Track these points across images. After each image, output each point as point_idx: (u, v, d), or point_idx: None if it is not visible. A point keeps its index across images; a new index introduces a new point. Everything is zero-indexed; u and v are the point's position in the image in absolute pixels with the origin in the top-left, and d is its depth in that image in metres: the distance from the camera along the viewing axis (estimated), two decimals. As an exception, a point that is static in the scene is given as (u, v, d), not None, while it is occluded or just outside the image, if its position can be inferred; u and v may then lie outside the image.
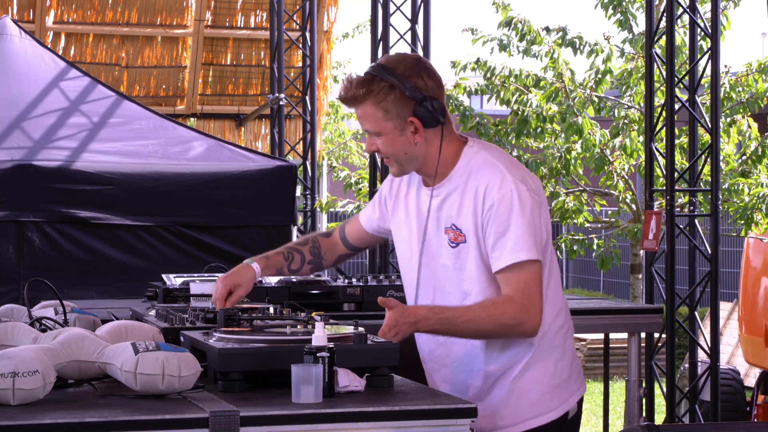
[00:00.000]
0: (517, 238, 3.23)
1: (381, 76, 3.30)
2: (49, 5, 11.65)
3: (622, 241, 12.44)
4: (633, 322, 5.48)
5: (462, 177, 3.34)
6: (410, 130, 3.32)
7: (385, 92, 3.29)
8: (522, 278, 3.24)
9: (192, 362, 2.90)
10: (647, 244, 7.74)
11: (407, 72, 3.30)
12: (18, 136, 7.46)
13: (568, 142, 10.58)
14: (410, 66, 3.32)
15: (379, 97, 3.29)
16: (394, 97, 3.29)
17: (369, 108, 3.31)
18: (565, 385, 3.41)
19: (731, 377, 9.07)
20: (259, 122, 12.66)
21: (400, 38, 9.13)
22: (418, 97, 3.28)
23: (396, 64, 3.33)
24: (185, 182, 7.42)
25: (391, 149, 3.35)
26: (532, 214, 3.26)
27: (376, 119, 3.32)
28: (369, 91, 3.30)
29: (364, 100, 3.31)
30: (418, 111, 3.29)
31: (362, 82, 3.31)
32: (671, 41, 7.72)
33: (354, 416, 2.77)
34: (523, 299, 3.24)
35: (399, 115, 3.30)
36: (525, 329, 3.27)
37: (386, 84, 3.29)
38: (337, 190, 21.09)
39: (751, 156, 10.57)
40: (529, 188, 3.29)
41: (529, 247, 3.23)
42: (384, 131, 3.32)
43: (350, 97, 3.33)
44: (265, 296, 4.11)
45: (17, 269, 6.94)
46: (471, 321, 3.26)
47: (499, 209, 3.25)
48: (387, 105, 3.29)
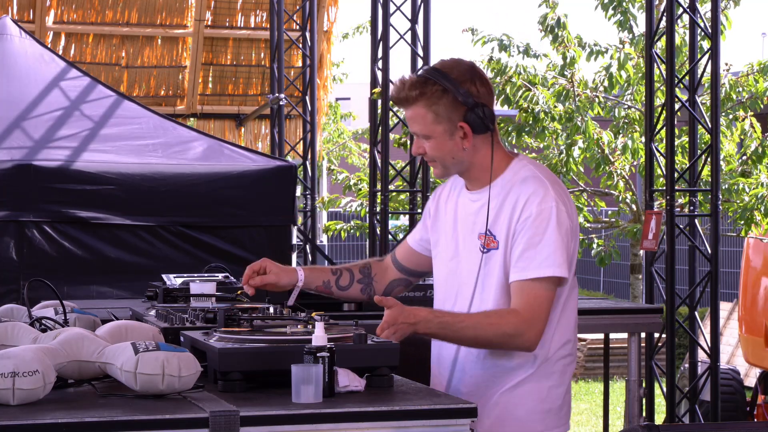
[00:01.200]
0: (549, 254, 3.23)
1: (435, 79, 3.29)
2: (49, 5, 11.65)
3: (622, 241, 12.45)
4: (633, 322, 5.49)
5: (506, 186, 3.33)
6: (459, 135, 3.32)
7: (438, 96, 3.29)
8: (536, 294, 3.24)
9: (192, 362, 2.90)
10: (647, 244, 7.74)
11: (461, 77, 3.30)
12: (18, 136, 7.46)
13: (569, 140, 10.58)
14: (464, 72, 3.32)
15: (431, 100, 3.29)
16: (446, 101, 3.29)
17: (420, 110, 3.31)
18: (555, 414, 3.38)
19: (731, 377, 9.07)
20: (259, 122, 12.66)
21: (400, 38, 9.13)
22: (470, 102, 3.29)
23: (450, 68, 3.33)
24: (185, 182, 7.42)
25: (439, 153, 3.34)
26: (567, 235, 3.26)
27: (426, 122, 3.31)
28: (422, 94, 3.29)
29: (416, 101, 3.31)
30: (468, 116, 3.29)
31: (415, 84, 3.31)
32: (671, 41, 7.72)
33: (354, 416, 2.77)
34: (529, 313, 3.23)
35: (450, 120, 3.30)
36: (523, 341, 3.25)
37: (439, 87, 3.29)
38: (336, 190, 21.11)
39: (752, 156, 10.57)
40: (569, 212, 3.29)
41: (559, 264, 3.23)
42: (433, 134, 3.32)
43: (402, 98, 3.33)
44: (265, 296, 4.11)
45: (17, 269, 6.94)
46: (471, 327, 3.25)
47: (535, 221, 3.25)
48: (438, 108, 3.29)
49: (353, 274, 3.67)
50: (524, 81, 10.61)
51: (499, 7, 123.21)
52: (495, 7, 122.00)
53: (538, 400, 3.35)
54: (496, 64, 10.73)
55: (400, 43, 9.16)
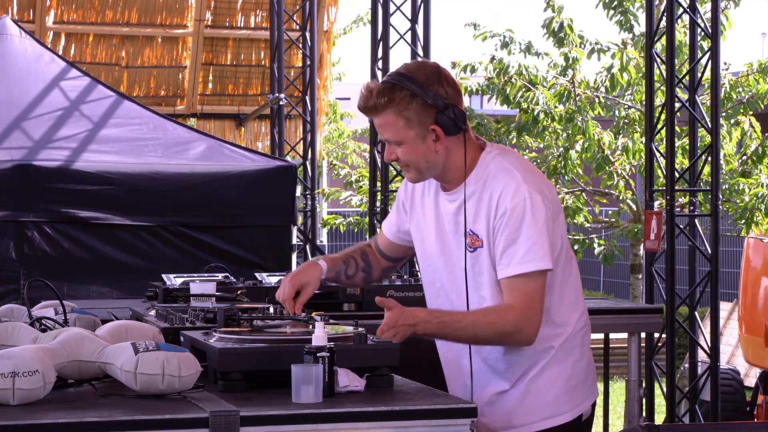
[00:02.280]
0: (528, 248, 3.23)
1: (402, 84, 3.26)
2: (49, 5, 11.65)
3: (622, 241, 12.44)
4: (633, 322, 5.49)
5: (479, 183, 3.32)
6: (431, 138, 3.29)
7: (407, 101, 3.25)
8: (526, 288, 3.24)
9: (192, 362, 2.90)
10: (649, 244, 7.73)
11: (428, 80, 3.27)
12: (18, 136, 7.46)
13: (569, 141, 10.57)
14: (430, 74, 3.29)
15: (400, 106, 3.25)
16: (415, 105, 3.25)
17: (390, 117, 3.28)
18: (581, 388, 3.40)
19: (731, 377, 9.06)
20: (259, 122, 12.66)
21: (400, 38, 9.13)
22: (440, 105, 3.25)
23: (416, 72, 3.29)
24: (185, 182, 7.42)
25: (412, 157, 3.32)
26: (546, 223, 3.25)
27: (397, 128, 3.28)
28: (390, 100, 3.25)
29: (385, 109, 3.27)
30: (439, 119, 3.26)
31: (383, 91, 3.26)
32: (671, 41, 7.72)
33: (354, 416, 2.77)
34: (525, 308, 3.23)
35: (421, 124, 3.27)
36: (522, 337, 3.26)
37: (408, 92, 3.25)
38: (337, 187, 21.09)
39: (752, 156, 10.57)
40: (544, 197, 3.27)
41: (540, 257, 3.23)
42: (405, 140, 3.30)
43: (371, 107, 3.29)
44: (265, 296, 4.11)
45: (17, 269, 6.94)
46: (470, 326, 3.25)
47: (510, 218, 3.24)
48: (409, 114, 3.26)
49: (357, 262, 3.68)
50: (525, 81, 10.61)
51: (500, 7, 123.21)
52: (496, 7, 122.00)
53: (565, 379, 3.37)
54: (498, 64, 10.72)
55: (400, 43, 9.16)
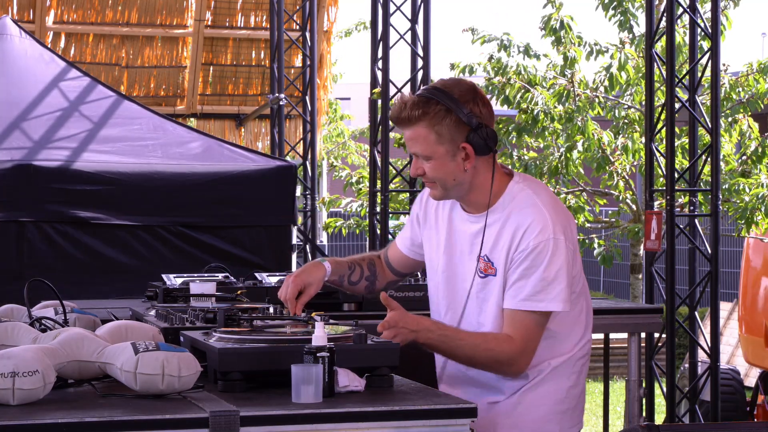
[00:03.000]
0: (542, 288, 3.23)
1: (437, 99, 3.23)
2: (49, 5, 11.65)
3: (622, 241, 12.44)
4: (633, 322, 5.48)
5: (505, 211, 3.30)
6: (461, 156, 3.26)
7: (441, 116, 3.22)
8: (529, 324, 3.25)
9: (192, 362, 2.90)
10: (650, 244, 7.73)
11: (463, 97, 3.24)
12: (18, 136, 7.46)
13: (570, 141, 10.57)
14: (466, 91, 3.26)
15: (434, 120, 3.23)
16: (449, 121, 3.23)
17: (422, 130, 3.24)
18: (570, 414, 3.40)
19: (731, 377, 9.07)
20: (259, 122, 12.66)
21: (400, 38, 9.13)
22: (474, 123, 3.23)
23: (452, 88, 3.26)
24: (185, 182, 7.42)
25: (440, 174, 3.28)
26: (565, 265, 3.25)
27: (428, 142, 3.25)
28: (425, 114, 3.23)
29: (418, 122, 3.24)
30: (471, 137, 3.24)
31: (418, 104, 3.23)
32: (671, 41, 7.72)
33: (354, 416, 2.77)
34: (523, 343, 3.25)
35: (452, 140, 3.24)
36: (513, 370, 3.29)
37: (443, 107, 3.22)
38: (336, 189, 21.08)
39: (751, 156, 10.57)
40: (567, 238, 3.27)
41: (551, 299, 3.23)
42: (435, 155, 3.26)
43: (404, 118, 3.25)
44: (265, 296, 4.11)
45: (17, 269, 6.94)
46: (469, 347, 3.27)
47: (531, 254, 3.23)
48: (441, 129, 3.23)
49: (363, 270, 3.68)
50: (524, 81, 10.60)
51: (499, 7, 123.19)
52: (495, 7, 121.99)
53: (557, 401, 3.38)
54: (497, 63, 10.72)
55: (400, 43, 9.16)
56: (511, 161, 10.91)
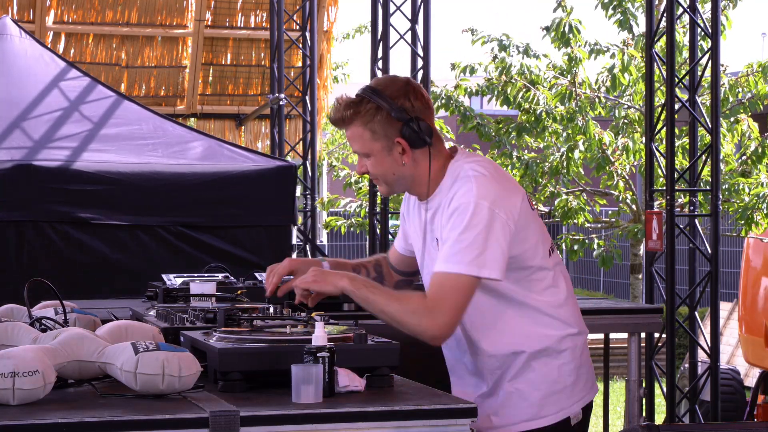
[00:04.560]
0: (457, 251, 3.23)
1: (369, 97, 3.34)
2: (49, 5, 11.66)
3: (622, 241, 12.45)
4: (633, 322, 5.48)
5: (445, 191, 3.37)
6: (397, 150, 3.35)
7: (372, 113, 3.33)
8: (444, 285, 3.24)
9: (192, 362, 2.90)
10: (651, 244, 7.74)
11: (395, 93, 3.34)
12: (18, 136, 7.46)
13: (570, 141, 10.58)
14: (398, 88, 3.36)
15: (366, 118, 3.33)
16: (380, 118, 3.33)
17: (357, 129, 3.36)
18: (568, 391, 3.41)
19: (731, 377, 9.06)
20: (259, 122, 12.67)
21: (400, 38, 9.14)
22: (404, 118, 3.32)
23: (384, 86, 3.37)
24: (185, 182, 7.42)
25: (380, 170, 3.38)
26: (487, 231, 3.23)
27: (363, 140, 3.36)
28: (356, 113, 3.34)
29: (352, 121, 3.35)
30: (404, 132, 3.33)
31: (350, 104, 3.36)
32: (671, 41, 7.72)
33: (354, 416, 2.77)
34: (433, 302, 3.23)
35: (386, 136, 3.34)
36: (423, 330, 3.24)
37: (373, 105, 3.33)
38: (336, 189, 21.08)
39: (751, 156, 10.58)
40: (495, 205, 3.26)
41: (467, 262, 3.22)
42: (372, 152, 3.36)
43: (339, 119, 3.38)
44: (265, 296, 4.11)
45: (17, 269, 6.94)
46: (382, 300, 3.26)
47: (451, 217, 3.27)
48: (374, 126, 3.33)
49: (368, 272, 3.73)
50: (525, 81, 10.61)
51: (499, 7, 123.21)
52: (495, 7, 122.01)
53: (550, 381, 3.38)
54: (500, 63, 10.73)
55: (400, 43, 9.16)
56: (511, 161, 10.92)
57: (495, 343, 3.39)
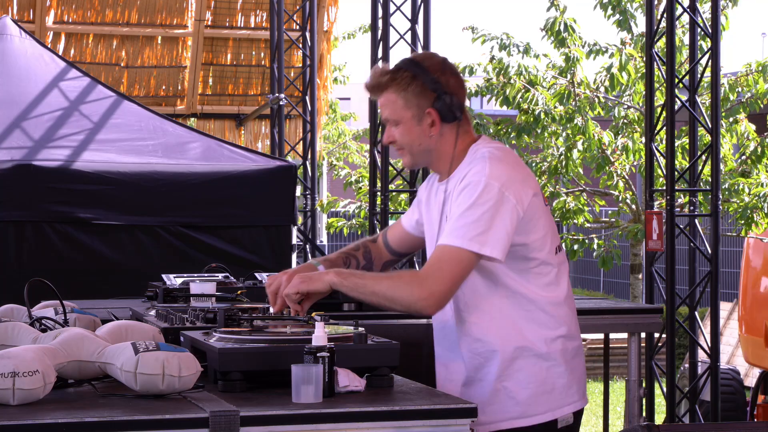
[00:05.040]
0: (461, 225, 3.24)
1: (406, 67, 3.40)
2: (49, 5, 11.65)
3: (622, 241, 12.45)
4: (633, 322, 5.48)
5: (463, 172, 3.37)
6: (427, 121, 3.39)
7: (407, 81, 3.38)
8: (440, 257, 3.25)
9: (192, 362, 2.90)
10: (652, 244, 7.73)
11: (432, 67, 3.40)
12: (18, 136, 7.46)
13: (569, 141, 10.58)
14: (436, 63, 3.42)
15: (401, 85, 3.38)
16: (415, 86, 3.38)
17: (391, 95, 3.40)
18: (558, 393, 3.39)
19: (731, 377, 9.06)
20: (259, 122, 12.67)
21: (400, 38, 9.13)
22: (439, 90, 3.37)
23: (422, 59, 3.45)
24: (185, 182, 7.42)
25: (407, 139, 3.42)
26: (494, 211, 3.24)
27: (396, 107, 3.40)
28: (392, 79, 3.39)
29: (386, 87, 3.40)
30: (436, 104, 3.38)
31: (387, 71, 3.42)
32: (671, 41, 7.72)
33: (354, 416, 2.77)
34: (427, 272, 3.24)
35: (418, 105, 3.38)
36: (416, 299, 3.23)
37: (409, 74, 3.39)
38: (336, 189, 21.07)
39: (751, 156, 10.58)
40: (506, 188, 3.27)
41: (469, 238, 3.22)
42: (402, 120, 3.41)
43: (375, 85, 3.43)
44: (265, 296, 4.10)
45: (17, 269, 6.94)
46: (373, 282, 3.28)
47: (462, 193, 3.29)
48: (408, 94, 3.39)
49: (359, 260, 3.72)
50: (524, 82, 10.60)
51: (499, 7, 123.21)
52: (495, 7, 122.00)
53: (539, 382, 3.36)
54: (498, 64, 10.72)
55: (400, 43, 9.16)
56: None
57: (485, 328, 3.37)
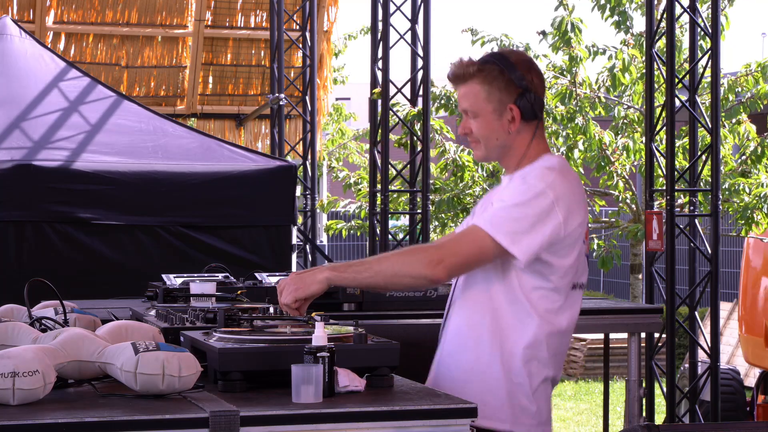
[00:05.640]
0: (501, 217, 3.24)
1: (493, 60, 3.38)
2: (49, 5, 11.65)
3: (622, 241, 12.44)
4: (633, 322, 5.48)
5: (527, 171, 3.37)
6: (507, 117, 3.37)
7: (494, 74, 3.36)
8: (465, 233, 3.27)
9: (192, 362, 2.90)
10: (652, 244, 7.73)
11: (519, 63, 3.38)
12: (18, 136, 7.46)
13: (570, 141, 10.58)
14: (523, 60, 3.41)
15: (487, 78, 3.36)
16: (501, 80, 3.35)
17: (475, 86, 3.37)
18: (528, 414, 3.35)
19: (731, 377, 9.06)
20: (259, 122, 12.66)
21: (400, 38, 9.13)
22: (524, 86, 3.35)
23: (510, 54, 3.42)
24: (185, 182, 7.42)
25: (485, 132, 3.39)
26: (538, 218, 3.24)
27: (478, 98, 3.37)
28: (479, 71, 3.37)
29: (472, 77, 3.37)
30: (519, 101, 3.35)
31: (474, 62, 3.39)
32: (671, 41, 7.72)
33: (354, 416, 2.77)
34: (443, 242, 3.27)
35: (501, 100, 3.36)
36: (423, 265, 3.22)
37: (497, 67, 3.36)
38: (336, 189, 21.07)
39: (751, 156, 10.58)
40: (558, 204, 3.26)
41: (504, 231, 3.22)
42: (482, 112, 3.37)
43: (460, 75, 3.39)
44: (265, 296, 4.11)
45: (17, 269, 6.94)
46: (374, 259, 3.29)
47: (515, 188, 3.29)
48: (492, 87, 3.36)
49: None
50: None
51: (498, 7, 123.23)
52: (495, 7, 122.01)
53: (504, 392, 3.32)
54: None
55: (400, 43, 9.16)
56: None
57: (469, 316, 3.37)
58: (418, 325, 4.10)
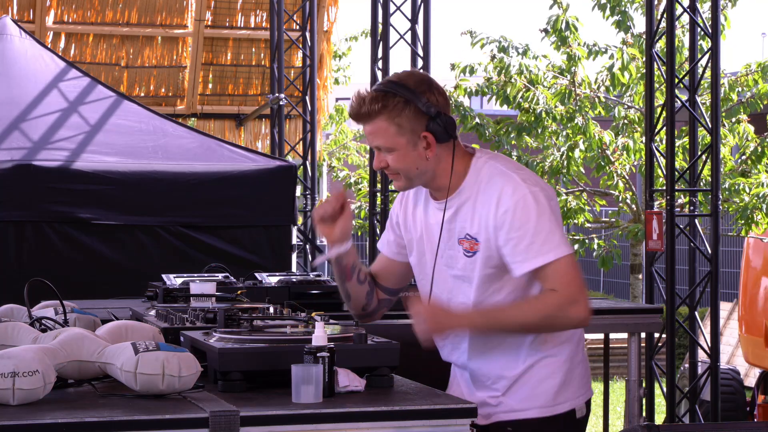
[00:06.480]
0: (544, 239, 3.23)
1: (395, 91, 3.27)
2: (49, 5, 11.65)
3: (622, 241, 12.45)
4: (633, 322, 5.49)
5: (473, 188, 3.33)
6: (422, 145, 3.29)
7: (400, 108, 3.26)
8: (559, 271, 3.24)
9: (192, 362, 2.90)
10: (652, 244, 7.73)
11: (419, 87, 3.28)
12: (18, 136, 7.46)
13: (570, 140, 10.58)
14: (421, 82, 3.31)
15: (393, 112, 3.26)
16: (408, 112, 3.26)
17: (382, 124, 3.27)
18: (575, 384, 3.41)
19: (731, 377, 9.07)
20: (259, 122, 12.66)
21: (400, 38, 9.13)
22: (432, 112, 3.27)
23: (407, 79, 3.31)
24: (185, 182, 7.42)
25: (403, 164, 3.31)
26: (552, 214, 3.28)
27: (388, 135, 3.28)
28: (384, 107, 3.26)
29: (378, 115, 3.27)
30: (431, 126, 3.27)
31: (376, 98, 3.27)
32: (671, 41, 7.72)
33: (354, 416, 2.77)
34: (565, 289, 3.24)
35: (413, 131, 3.28)
36: (572, 317, 3.26)
37: (401, 99, 3.26)
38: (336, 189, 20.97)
39: (751, 156, 10.58)
40: (545, 193, 3.30)
41: (557, 245, 3.24)
42: (397, 147, 3.29)
43: (364, 114, 3.28)
44: (265, 296, 4.11)
45: (17, 269, 6.94)
46: (518, 315, 3.27)
47: (515, 214, 3.25)
48: (401, 120, 3.27)
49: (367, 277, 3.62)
50: (525, 81, 10.60)
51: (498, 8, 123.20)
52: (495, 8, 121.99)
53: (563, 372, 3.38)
54: (499, 63, 10.72)
55: (400, 43, 9.16)
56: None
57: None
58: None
